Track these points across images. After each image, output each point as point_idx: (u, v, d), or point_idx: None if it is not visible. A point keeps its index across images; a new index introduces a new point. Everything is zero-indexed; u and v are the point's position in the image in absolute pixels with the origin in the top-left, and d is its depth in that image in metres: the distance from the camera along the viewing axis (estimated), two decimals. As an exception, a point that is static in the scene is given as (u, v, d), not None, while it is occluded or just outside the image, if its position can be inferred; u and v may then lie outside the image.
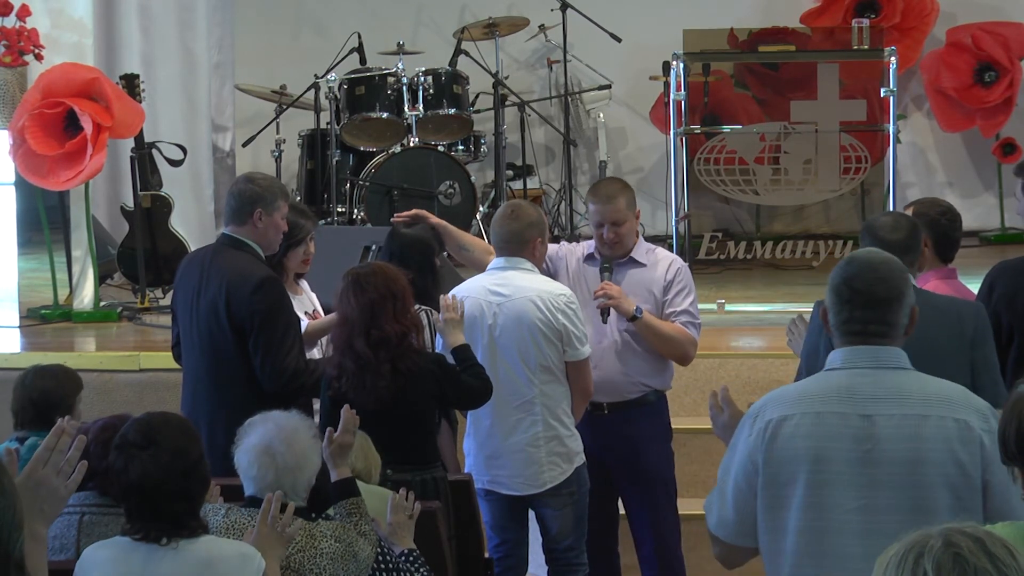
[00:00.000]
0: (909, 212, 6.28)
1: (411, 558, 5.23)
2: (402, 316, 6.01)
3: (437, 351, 6.44)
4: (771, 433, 4.08)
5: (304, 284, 6.97)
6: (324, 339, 6.66)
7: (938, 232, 6.18)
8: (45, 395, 6.08)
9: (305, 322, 6.60)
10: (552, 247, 6.95)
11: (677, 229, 9.75)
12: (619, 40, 11.77)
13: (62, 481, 3.41)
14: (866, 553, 3.98)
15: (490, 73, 11.65)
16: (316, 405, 6.50)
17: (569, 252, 6.97)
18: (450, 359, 6.27)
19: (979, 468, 4.00)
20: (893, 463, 4.02)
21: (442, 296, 6.45)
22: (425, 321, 6.41)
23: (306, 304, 6.84)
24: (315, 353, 6.65)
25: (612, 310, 6.69)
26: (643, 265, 6.83)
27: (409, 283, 6.15)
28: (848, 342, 4.14)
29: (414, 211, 7.12)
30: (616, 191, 6.85)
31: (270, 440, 4.90)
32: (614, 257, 6.81)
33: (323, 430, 5.84)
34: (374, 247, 7.29)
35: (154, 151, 10.00)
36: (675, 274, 6.80)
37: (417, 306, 6.28)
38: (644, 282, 6.80)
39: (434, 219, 7.08)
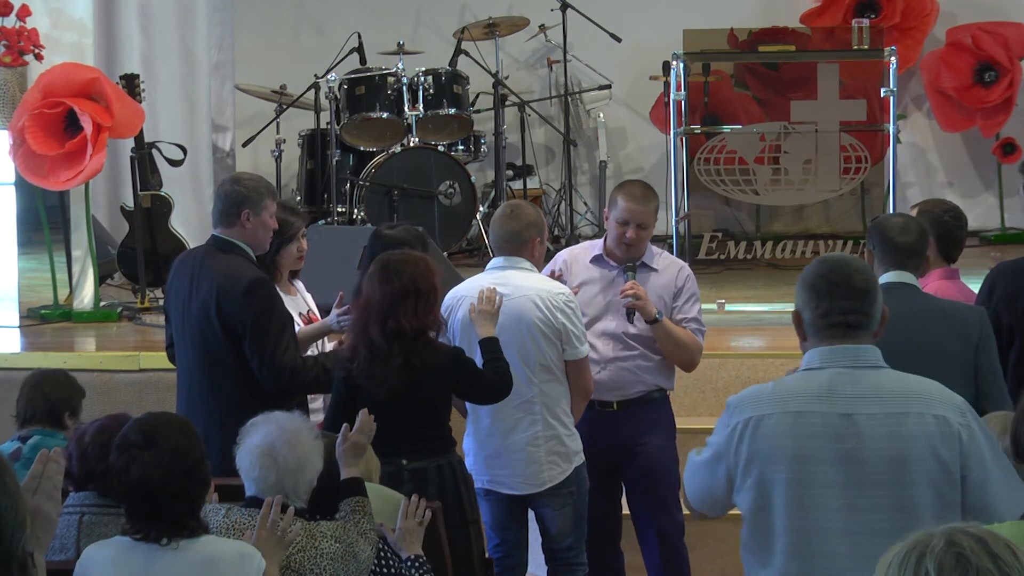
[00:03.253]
0: (913, 212, 6.27)
1: (417, 563, 5.22)
2: (424, 313, 5.95)
3: (455, 344, 6.40)
4: (750, 431, 4.11)
5: (299, 285, 6.92)
6: (319, 342, 6.66)
7: (942, 230, 6.16)
8: (55, 393, 6.38)
9: (299, 324, 6.58)
10: (559, 257, 6.95)
11: (677, 229, 9.76)
12: (619, 40, 11.76)
13: (53, 507, 3.45)
14: (852, 552, 4.01)
15: (490, 73, 11.65)
16: (313, 404, 6.50)
17: (573, 258, 6.95)
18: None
19: (958, 463, 4.00)
20: (875, 462, 4.02)
21: (481, 289, 6.40)
22: None
23: (300, 305, 6.79)
24: (313, 351, 6.63)
25: (637, 311, 6.71)
26: (655, 270, 6.86)
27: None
28: (827, 336, 4.14)
29: None
30: (651, 195, 6.88)
31: (272, 442, 4.89)
32: (627, 259, 6.81)
33: (334, 413, 5.81)
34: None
35: (154, 151, 10.00)
36: (685, 280, 6.87)
37: None
38: (656, 287, 6.82)
39: None
